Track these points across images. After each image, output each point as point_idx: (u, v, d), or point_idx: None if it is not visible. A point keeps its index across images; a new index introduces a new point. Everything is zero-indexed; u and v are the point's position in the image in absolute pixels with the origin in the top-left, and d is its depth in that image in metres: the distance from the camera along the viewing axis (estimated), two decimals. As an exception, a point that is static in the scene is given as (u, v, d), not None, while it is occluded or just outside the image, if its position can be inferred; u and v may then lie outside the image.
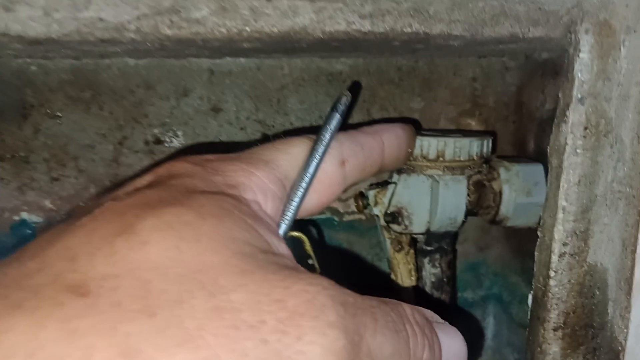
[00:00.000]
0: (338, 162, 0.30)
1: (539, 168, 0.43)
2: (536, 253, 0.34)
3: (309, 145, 0.29)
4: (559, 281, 0.32)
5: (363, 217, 0.51)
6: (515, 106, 0.50)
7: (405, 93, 0.50)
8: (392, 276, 0.47)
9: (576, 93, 0.30)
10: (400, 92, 0.50)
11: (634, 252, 0.29)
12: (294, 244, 0.32)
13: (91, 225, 0.20)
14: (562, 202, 0.31)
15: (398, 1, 0.28)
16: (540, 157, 0.47)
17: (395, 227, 0.44)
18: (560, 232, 0.31)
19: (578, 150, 0.31)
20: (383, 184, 0.45)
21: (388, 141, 0.34)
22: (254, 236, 0.22)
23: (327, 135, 0.30)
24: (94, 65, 0.45)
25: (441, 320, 0.26)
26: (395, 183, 0.44)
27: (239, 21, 0.28)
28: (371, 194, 0.45)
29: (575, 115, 0.30)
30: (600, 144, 0.31)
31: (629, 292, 0.30)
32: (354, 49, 0.33)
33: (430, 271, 0.46)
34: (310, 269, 0.32)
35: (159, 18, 0.28)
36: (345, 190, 0.33)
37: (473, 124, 0.51)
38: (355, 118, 0.50)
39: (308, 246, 0.32)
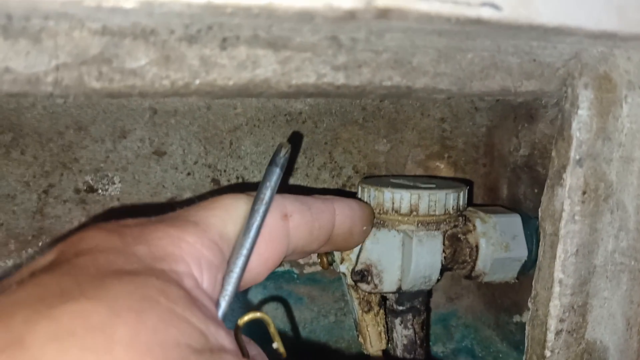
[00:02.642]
0: (279, 214, 0.27)
1: (517, 219, 0.40)
2: (528, 327, 0.31)
3: (241, 200, 0.26)
4: (556, 361, 0.29)
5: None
6: (486, 148, 0.47)
7: (370, 135, 0.46)
8: (360, 339, 0.42)
9: (574, 154, 0.26)
10: (364, 133, 0.45)
11: (640, 332, 0.26)
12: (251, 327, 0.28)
13: None
14: (558, 275, 0.28)
15: (377, 51, 0.24)
16: (514, 204, 0.44)
17: (363, 286, 0.39)
18: (557, 307, 0.28)
19: (576, 217, 0.27)
20: (350, 239, 0.40)
21: (340, 209, 0.32)
22: (185, 331, 0.18)
23: (267, 193, 0.26)
24: (16, 104, 0.39)
25: None
26: (363, 237, 0.39)
27: (186, 72, 0.23)
28: (337, 249, 0.40)
29: (573, 179, 0.27)
30: (599, 210, 0.28)
31: (633, 376, 0.27)
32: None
33: (402, 333, 0.41)
34: (275, 354, 0.29)
35: (85, 68, 0.22)
36: (289, 256, 0.29)
37: (442, 167, 0.47)
38: (317, 162, 0.45)
39: (273, 328, 0.29)
